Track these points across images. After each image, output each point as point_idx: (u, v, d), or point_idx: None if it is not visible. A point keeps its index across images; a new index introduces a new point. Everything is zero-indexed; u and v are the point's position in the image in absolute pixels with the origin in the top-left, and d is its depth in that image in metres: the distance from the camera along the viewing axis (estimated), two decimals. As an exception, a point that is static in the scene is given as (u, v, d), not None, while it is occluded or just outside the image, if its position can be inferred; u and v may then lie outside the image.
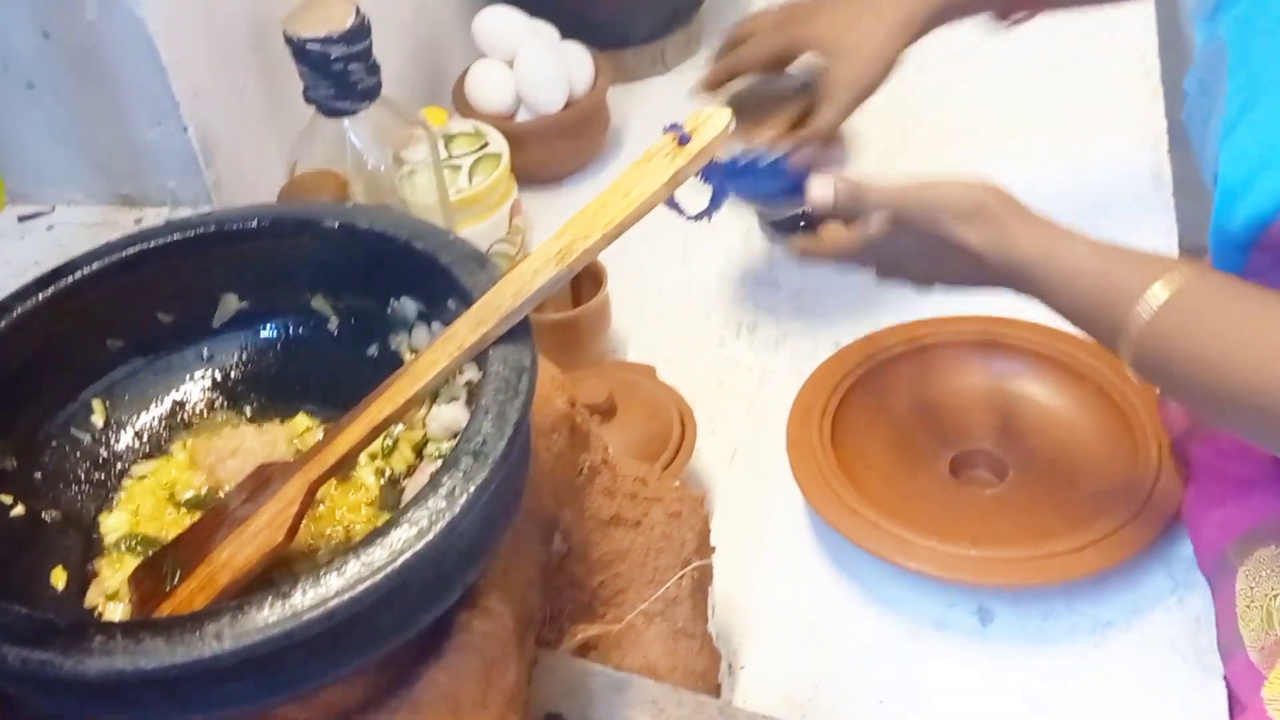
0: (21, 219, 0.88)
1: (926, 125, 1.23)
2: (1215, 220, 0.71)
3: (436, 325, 0.64)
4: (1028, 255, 0.74)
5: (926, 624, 0.83)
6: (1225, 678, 0.78)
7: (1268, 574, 0.76)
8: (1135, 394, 0.88)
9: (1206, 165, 0.76)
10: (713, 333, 1.05)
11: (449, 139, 1.06)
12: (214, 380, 0.67)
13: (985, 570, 0.80)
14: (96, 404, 0.65)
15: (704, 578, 0.75)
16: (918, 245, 0.77)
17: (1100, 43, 1.30)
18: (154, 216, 0.87)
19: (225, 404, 0.67)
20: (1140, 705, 0.78)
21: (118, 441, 0.65)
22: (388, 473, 0.63)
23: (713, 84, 1.00)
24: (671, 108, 1.25)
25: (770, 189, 0.86)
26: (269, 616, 0.48)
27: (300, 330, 0.68)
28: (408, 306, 0.65)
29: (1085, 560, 0.79)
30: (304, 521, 0.59)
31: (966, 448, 0.89)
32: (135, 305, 0.65)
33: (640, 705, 0.65)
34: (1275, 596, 0.75)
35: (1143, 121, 1.21)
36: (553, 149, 1.16)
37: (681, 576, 0.72)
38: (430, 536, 0.50)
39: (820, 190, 0.78)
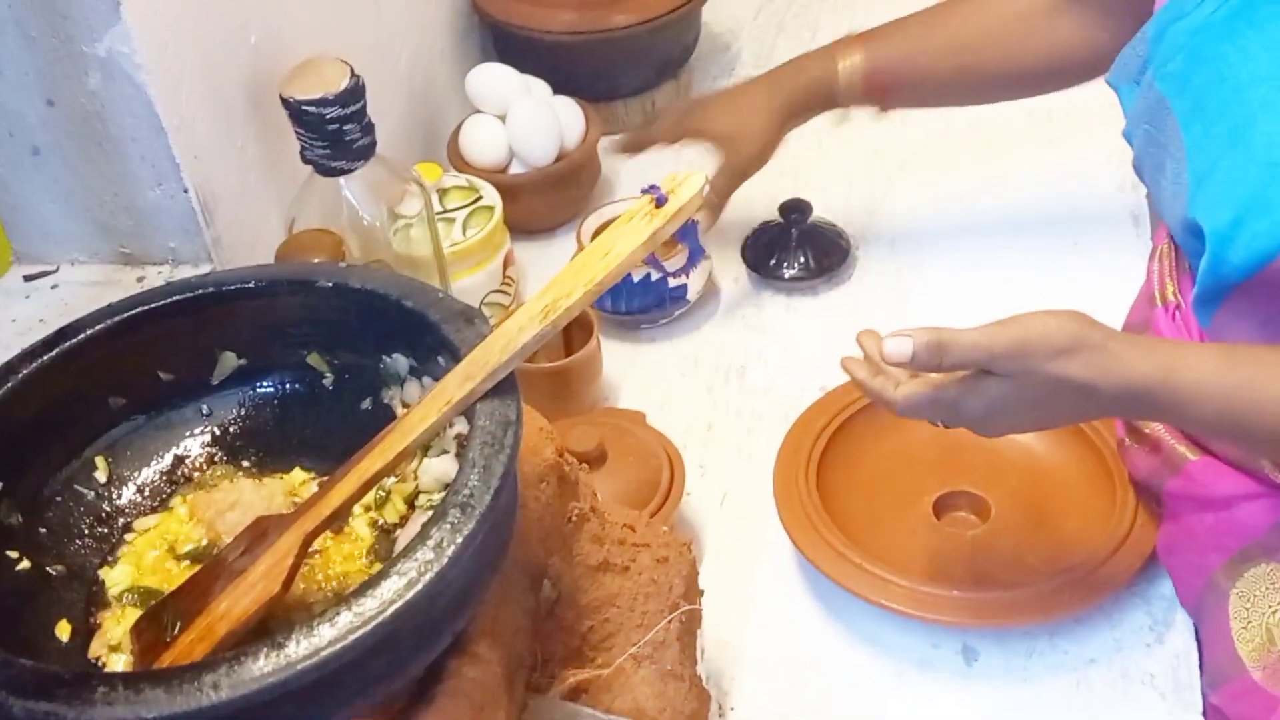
0: (27, 278, 0.90)
1: (910, 168, 1.26)
2: (1210, 260, 0.73)
3: (427, 380, 0.67)
4: (1145, 376, 0.70)
5: (912, 663, 0.85)
6: (1213, 707, 0.79)
7: (1264, 591, 0.77)
8: (1111, 435, 0.90)
9: (1164, 205, 0.80)
10: (702, 378, 1.07)
11: (443, 192, 1.09)
12: (213, 436, 0.70)
13: (969, 610, 0.82)
14: (99, 461, 0.67)
15: (692, 621, 0.77)
16: (1015, 394, 0.70)
17: (1080, 88, 1.32)
18: (156, 274, 0.89)
19: (224, 459, 0.69)
20: (1125, 741, 0.80)
21: (120, 497, 0.67)
22: (381, 523, 0.65)
23: (627, 148, 1.15)
24: (660, 159, 1.28)
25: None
26: (264, 666, 0.50)
27: (296, 386, 0.71)
28: (399, 362, 0.68)
29: (1066, 599, 0.81)
30: (300, 571, 0.61)
31: (949, 489, 0.91)
32: (136, 364, 0.68)
33: (629, 747, 0.67)
34: (1275, 612, 0.76)
35: (1121, 165, 1.22)
36: (545, 200, 1.19)
37: (670, 620, 0.74)
38: (419, 587, 0.52)
39: (897, 346, 0.71)
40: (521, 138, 1.16)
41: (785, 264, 1.13)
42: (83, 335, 0.66)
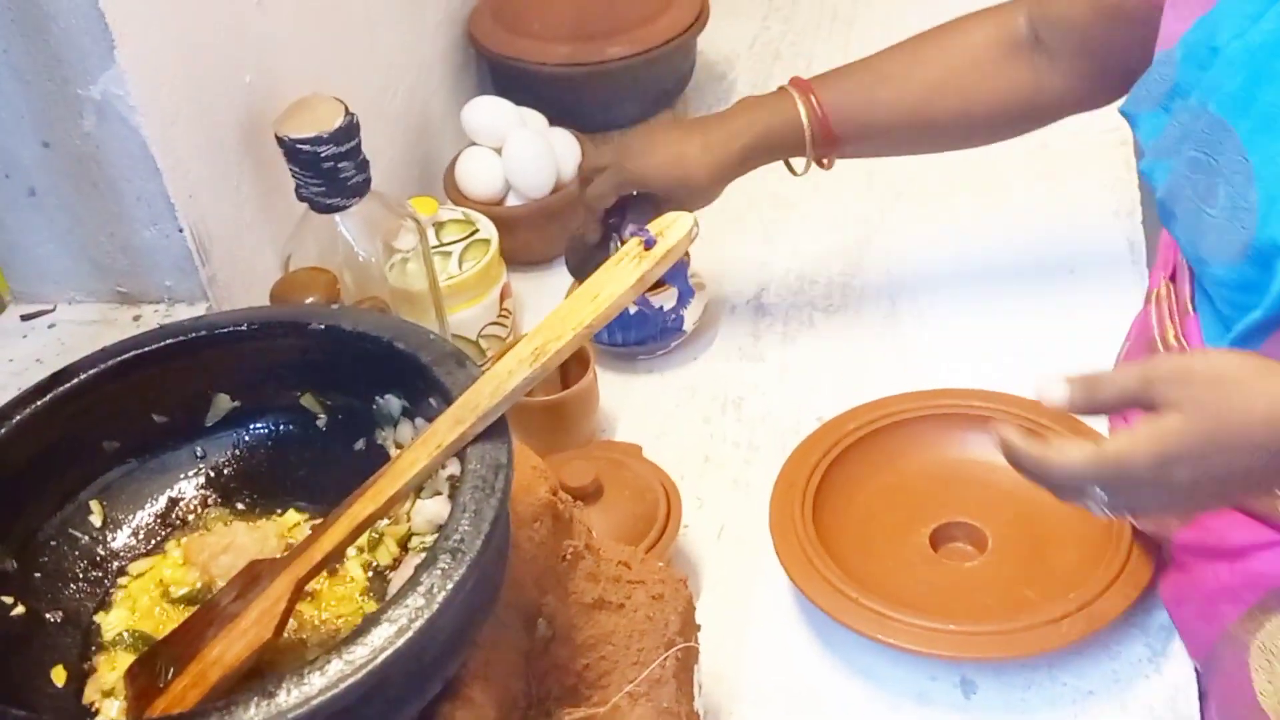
0: (24, 318, 0.91)
1: (905, 198, 1.27)
2: None
3: (420, 421, 0.67)
4: None
5: (910, 697, 0.85)
6: None
7: None
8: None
9: (1209, 235, 0.74)
10: (699, 409, 1.07)
11: (439, 226, 1.10)
12: (207, 478, 0.70)
13: (966, 644, 0.82)
14: (94, 504, 0.67)
15: (688, 658, 0.77)
16: (1194, 430, 0.60)
17: (1074, 117, 1.33)
18: (152, 313, 0.90)
19: (218, 500, 0.70)
20: (1122, 774, 0.79)
21: (114, 540, 0.67)
22: (374, 565, 0.65)
23: (589, 231, 1.04)
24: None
25: None
26: (254, 715, 0.50)
27: (290, 427, 0.71)
28: (392, 403, 0.68)
29: (1064, 631, 0.81)
30: (295, 614, 0.61)
31: (945, 520, 0.91)
32: (130, 407, 0.68)
33: (625, 786, 0.66)
34: None
35: (1116, 191, 1.23)
36: (542, 232, 1.19)
37: (666, 658, 0.74)
38: (410, 634, 0.52)
39: (1054, 389, 0.65)
40: (518, 170, 1.16)
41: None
42: (76, 380, 0.66)
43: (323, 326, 0.67)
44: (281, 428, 0.71)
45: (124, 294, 0.91)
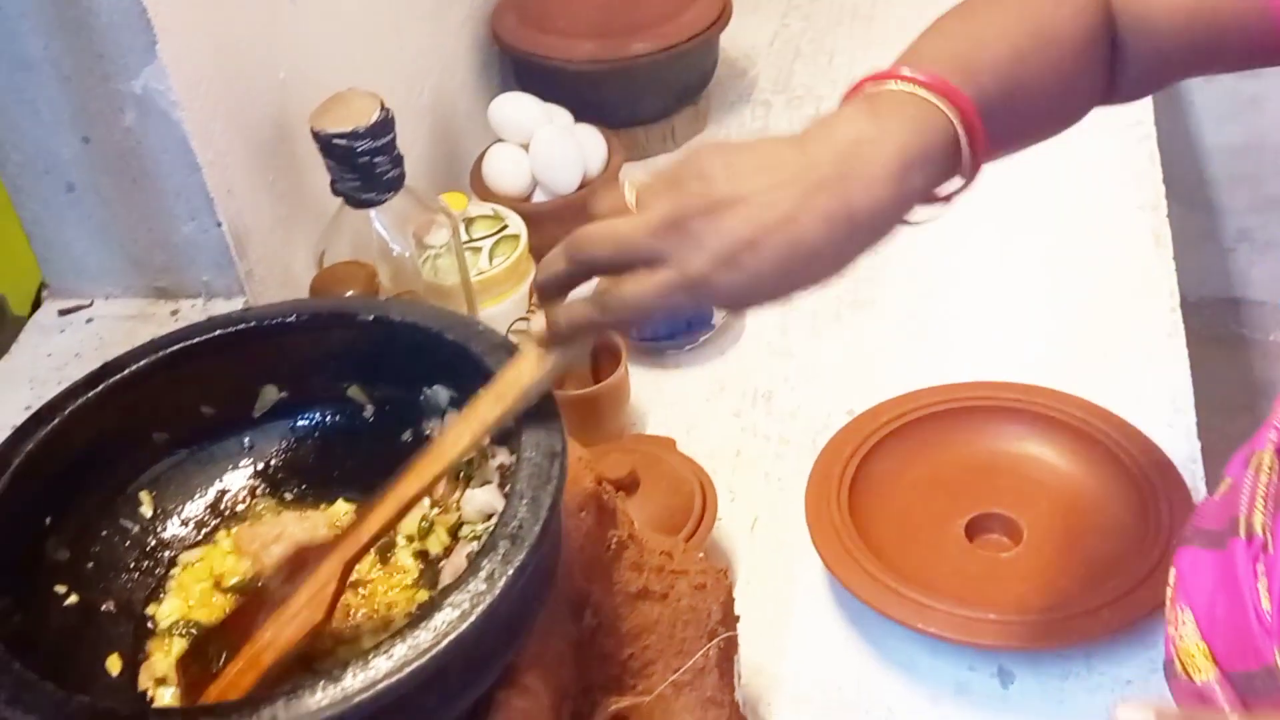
0: (62, 313, 0.91)
1: (931, 194, 1.27)
2: None
3: (468, 411, 0.67)
4: None
5: (948, 687, 0.85)
6: None
7: None
8: (1144, 457, 0.90)
9: None
10: (729, 403, 1.08)
11: (469, 221, 1.10)
12: (255, 469, 0.70)
13: (1005, 633, 0.82)
14: (144, 495, 0.68)
15: (730, 647, 0.77)
16: None
17: (1097, 110, 1.33)
18: (189, 308, 0.90)
19: (266, 491, 0.70)
20: (1162, 763, 0.79)
21: (165, 530, 0.68)
22: (426, 555, 0.65)
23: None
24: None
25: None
26: (321, 700, 0.50)
27: (337, 419, 0.71)
28: (440, 394, 0.68)
29: (1103, 621, 0.81)
30: (349, 603, 0.62)
31: (980, 512, 0.91)
32: (179, 399, 0.68)
33: (674, 774, 0.67)
34: None
35: (1142, 185, 1.24)
36: (569, 228, 1.16)
37: (709, 647, 0.74)
38: (472, 618, 0.53)
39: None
40: (545, 166, 1.17)
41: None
42: (126, 371, 0.66)
43: (371, 318, 0.68)
44: (328, 419, 0.71)
45: (161, 289, 0.91)
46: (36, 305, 1.78)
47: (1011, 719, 0.83)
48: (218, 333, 0.68)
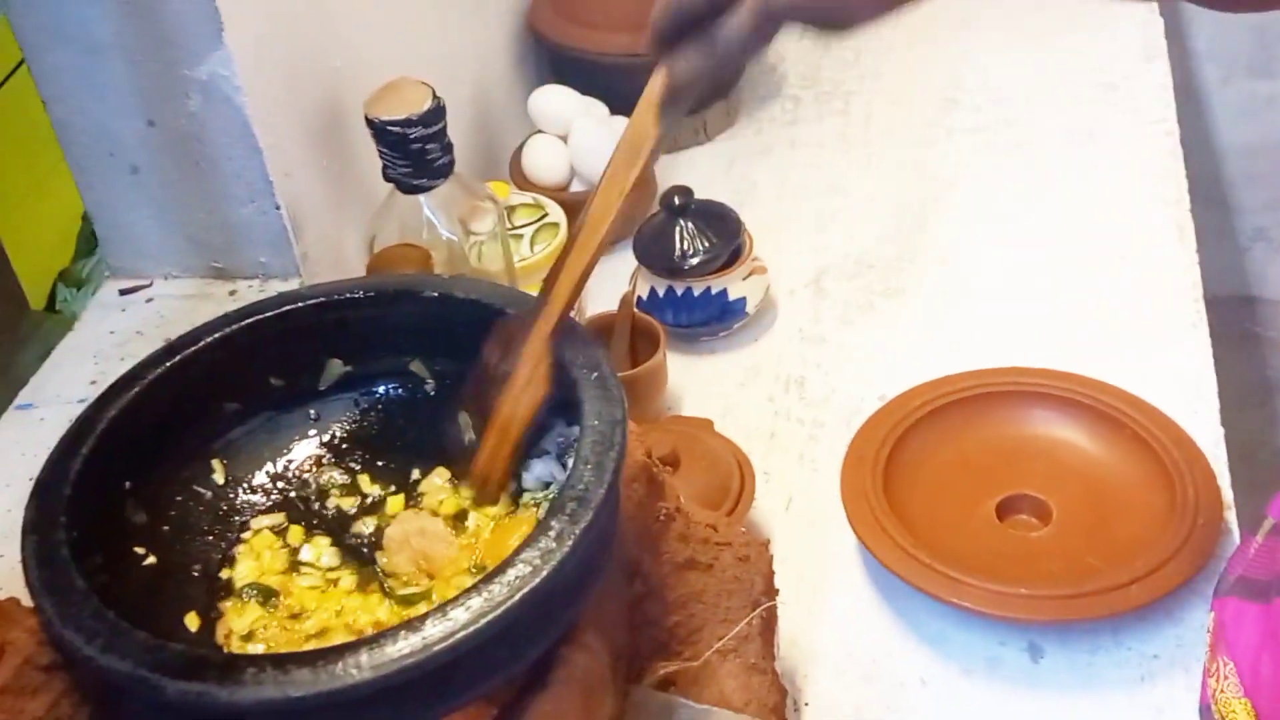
0: (123, 292, 0.94)
1: (957, 187, 1.29)
2: None
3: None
4: None
5: (979, 661, 0.88)
6: None
7: None
8: (1170, 440, 0.93)
9: None
10: (762, 388, 1.10)
11: (510, 210, 1.13)
12: (321, 439, 0.73)
13: (1035, 607, 0.84)
14: (216, 463, 0.71)
15: (771, 617, 0.80)
16: None
17: (1121, 105, 1.36)
18: (246, 288, 0.93)
19: (332, 461, 0.73)
20: (1189, 735, 0.82)
21: (237, 496, 0.71)
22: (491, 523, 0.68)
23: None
24: (713, 175, 1.32)
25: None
26: (402, 649, 0.53)
27: (399, 392, 0.74)
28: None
29: (1132, 595, 0.83)
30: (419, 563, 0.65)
31: (1011, 493, 0.94)
32: (250, 371, 0.71)
33: (722, 735, 0.70)
34: None
35: (1164, 179, 1.26)
36: (605, 217, 1.22)
37: (752, 616, 0.77)
38: (544, 573, 0.56)
39: None
40: (583, 156, 1.20)
41: (687, 253, 1.11)
42: (202, 342, 0.69)
43: (436, 294, 0.71)
44: (391, 392, 0.74)
45: (219, 269, 0.94)
46: (52, 299, 1.81)
47: (1041, 692, 0.86)
48: (288, 307, 0.71)
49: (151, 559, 0.66)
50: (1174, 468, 0.92)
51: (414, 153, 0.92)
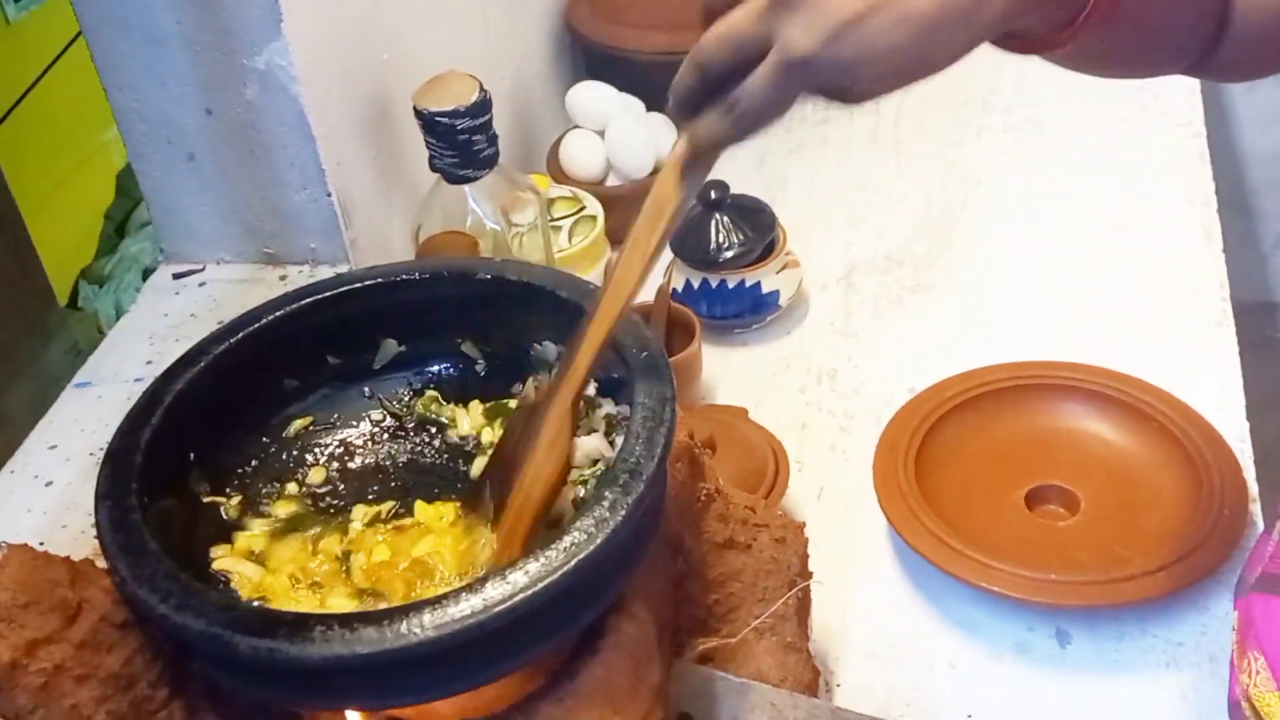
0: (176, 276, 0.97)
1: (986, 187, 1.31)
2: None
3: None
4: None
5: (1008, 646, 0.90)
6: None
7: None
8: (1197, 432, 0.95)
9: None
10: (794, 380, 1.13)
11: (550, 202, 1.15)
12: (375, 417, 0.76)
13: (1063, 592, 0.86)
14: (277, 437, 0.73)
15: (806, 598, 0.82)
16: None
17: (1150, 110, 1.38)
18: (296, 273, 0.96)
19: (385, 438, 0.75)
20: (1213, 720, 0.84)
21: (297, 472, 0.73)
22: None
23: None
24: (745, 172, 1.35)
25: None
26: (464, 609, 0.56)
27: (451, 371, 0.77)
28: (549, 350, 0.74)
29: (1159, 582, 0.85)
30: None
31: (1039, 483, 0.96)
32: (308, 349, 0.74)
33: (760, 708, 0.72)
34: None
35: (1192, 182, 1.28)
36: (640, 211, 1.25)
37: (788, 596, 0.79)
38: (599, 540, 0.58)
39: None
40: (620, 151, 1.22)
41: (722, 247, 1.13)
42: (264, 320, 0.72)
43: (489, 276, 0.73)
44: (443, 371, 0.77)
45: (270, 255, 0.97)
46: (75, 295, 1.84)
47: (1069, 676, 0.88)
48: (345, 288, 0.74)
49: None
50: (1200, 460, 0.93)
51: (461, 143, 0.94)
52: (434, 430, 0.75)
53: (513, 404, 0.74)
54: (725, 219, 1.14)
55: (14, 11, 1.74)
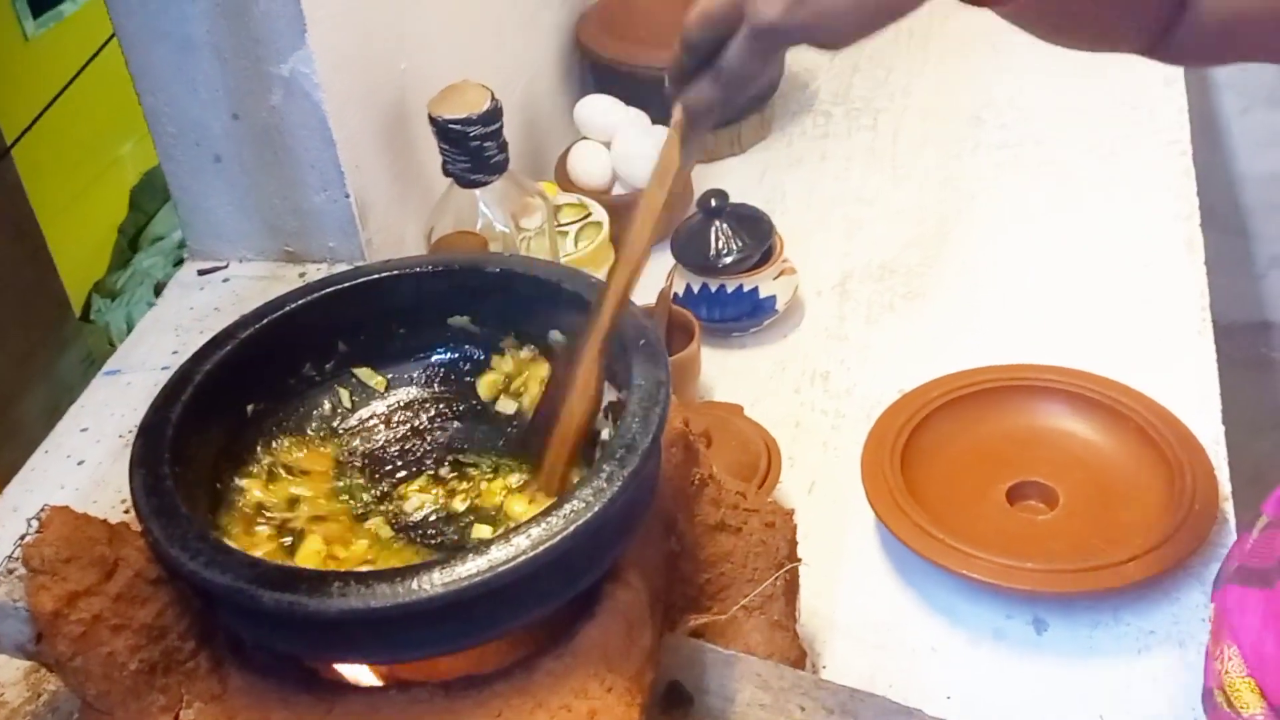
0: (201, 273, 1.02)
1: (980, 199, 1.36)
2: None
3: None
4: None
5: (987, 632, 0.94)
6: None
7: None
8: (1171, 433, 0.99)
9: None
10: (789, 381, 1.17)
11: (557, 208, 1.20)
12: (389, 400, 0.81)
13: (1041, 580, 0.91)
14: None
15: (793, 579, 0.87)
16: None
17: (1142, 127, 1.43)
18: (315, 271, 1.01)
19: (400, 420, 0.80)
20: (1184, 704, 0.88)
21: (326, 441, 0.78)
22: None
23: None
24: (746, 183, 1.40)
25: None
26: (470, 569, 0.60)
27: (454, 356, 0.81)
28: (556, 339, 0.78)
29: (1132, 571, 0.90)
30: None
31: (1020, 479, 1.00)
32: (326, 336, 0.79)
33: (747, 677, 0.76)
34: None
35: (1177, 197, 1.33)
36: (644, 219, 1.30)
37: (777, 577, 0.84)
38: (596, 508, 0.62)
39: None
40: (626, 162, 1.27)
41: (721, 253, 1.18)
42: (287, 307, 0.77)
43: (498, 270, 0.78)
44: (453, 358, 0.81)
45: (290, 253, 1.02)
46: (87, 306, 1.89)
47: (1044, 662, 0.92)
48: (360, 280, 0.79)
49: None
50: (1174, 459, 0.98)
51: (473, 149, 0.99)
52: (454, 403, 0.80)
53: (528, 373, 0.80)
54: (725, 226, 1.19)
55: (33, 28, 1.80)
